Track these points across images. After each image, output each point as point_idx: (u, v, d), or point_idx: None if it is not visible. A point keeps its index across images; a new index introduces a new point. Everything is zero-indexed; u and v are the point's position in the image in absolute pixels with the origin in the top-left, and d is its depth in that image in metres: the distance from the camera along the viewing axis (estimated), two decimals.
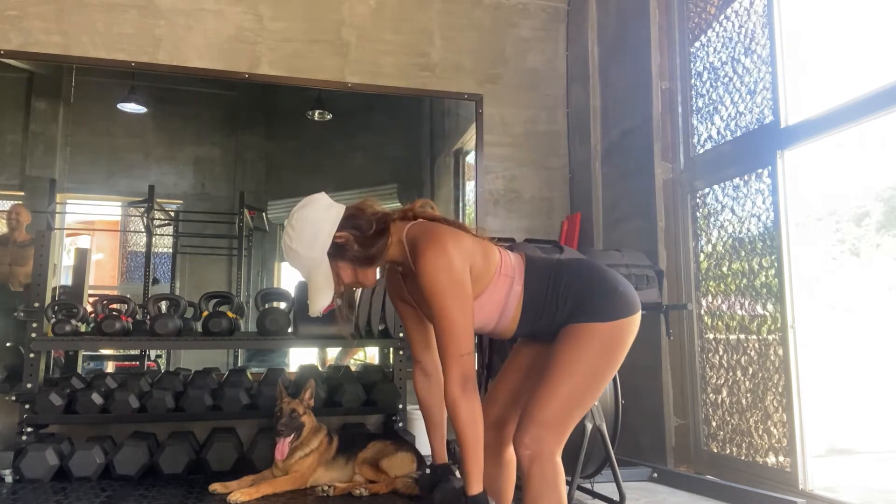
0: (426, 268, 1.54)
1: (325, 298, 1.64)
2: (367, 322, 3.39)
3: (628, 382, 2.80)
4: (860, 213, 5.21)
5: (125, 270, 4.31)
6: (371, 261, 1.65)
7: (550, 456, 1.55)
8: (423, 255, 1.55)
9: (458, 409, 1.51)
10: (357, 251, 1.63)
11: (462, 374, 1.52)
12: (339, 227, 1.63)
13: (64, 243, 3.98)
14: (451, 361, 1.52)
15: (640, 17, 3.69)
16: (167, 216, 4.16)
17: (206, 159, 4.26)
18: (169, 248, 4.13)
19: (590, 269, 1.71)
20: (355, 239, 1.63)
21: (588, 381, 1.60)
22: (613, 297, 1.64)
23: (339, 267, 1.64)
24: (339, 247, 1.62)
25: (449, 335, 1.53)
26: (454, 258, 1.54)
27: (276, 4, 4.06)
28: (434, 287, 1.53)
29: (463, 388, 1.51)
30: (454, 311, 1.53)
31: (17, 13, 3.69)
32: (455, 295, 1.53)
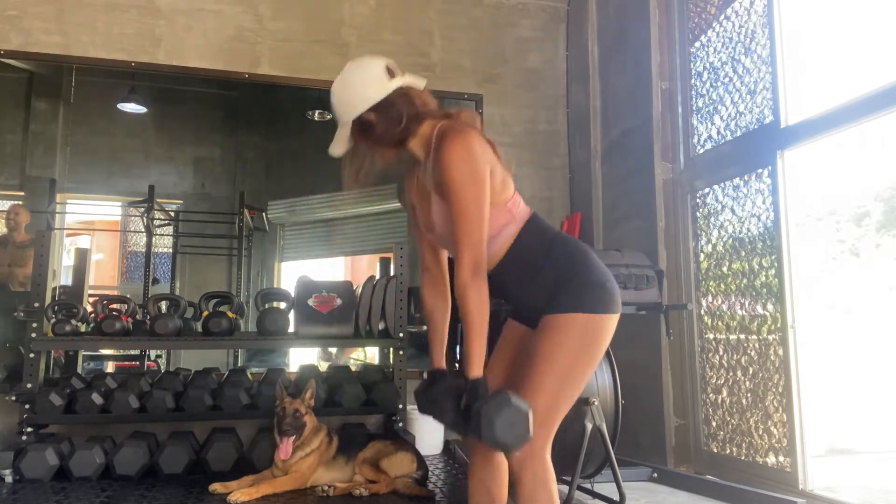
0: (448, 155, 1.55)
1: (341, 150, 1.69)
2: (368, 322, 3.39)
3: (628, 382, 2.80)
4: (860, 213, 5.21)
5: (125, 270, 4.31)
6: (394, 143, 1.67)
7: (540, 454, 1.54)
8: (448, 144, 1.57)
9: (468, 294, 1.51)
10: (382, 131, 1.65)
11: (473, 260, 1.52)
12: (371, 108, 1.64)
13: (64, 243, 3.98)
14: (464, 248, 1.53)
15: (640, 17, 3.69)
16: (167, 216, 4.16)
17: (206, 159, 4.26)
18: (169, 248, 4.13)
19: (584, 251, 1.68)
20: (383, 123, 1.64)
21: (571, 375, 1.58)
22: (599, 289, 1.61)
23: (360, 139, 1.68)
24: (364, 123, 1.65)
25: (463, 222, 1.53)
26: (477, 152, 1.57)
27: (276, 4, 4.06)
28: (453, 173, 1.54)
29: (473, 274, 1.52)
30: (470, 198, 1.54)
31: (17, 13, 3.69)
32: (473, 183, 1.54)
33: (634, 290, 2.97)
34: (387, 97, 1.64)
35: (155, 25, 3.87)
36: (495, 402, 1.43)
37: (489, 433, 1.41)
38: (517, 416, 1.43)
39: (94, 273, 4.13)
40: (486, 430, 1.41)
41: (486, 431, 1.41)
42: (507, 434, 1.42)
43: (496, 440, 1.42)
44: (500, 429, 1.41)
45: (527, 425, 1.44)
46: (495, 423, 1.41)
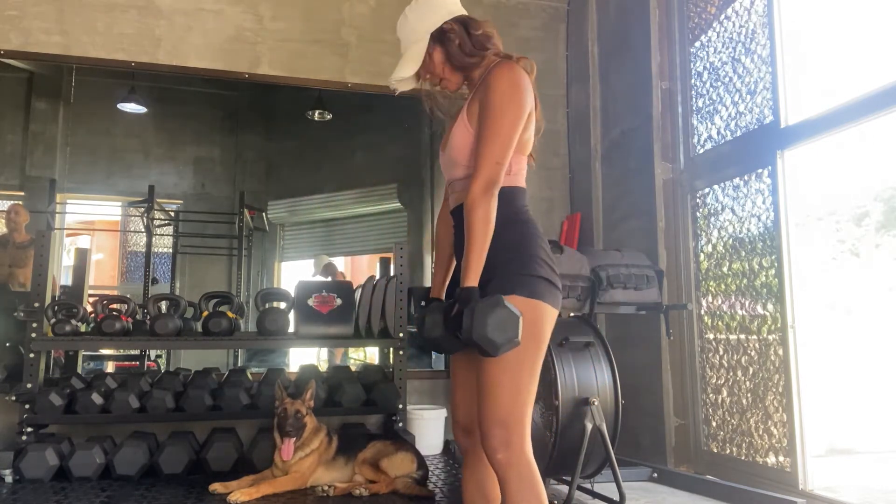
0: (499, 77, 1.59)
1: (409, 70, 1.71)
2: (368, 322, 3.39)
3: (628, 382, 2.80)
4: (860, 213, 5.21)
5: (125, 270, 4.31)
6: (462, 66, 1.71)
7: (521, 454, 1.52)
8: (503, 68, 1.61)
9: (476, 207, 1.52)
10: (458, 47, 1.69)
11: (489, 178, 1.54)
12: (453, 18, 1.70)
13: (64, 243, 3.98)
14: (484, 163, 1.54)
15: (640, 17, 3.69)
16: (167, 216, 4.16)
17: (206, 159, 4.26)
18: (169, 248, 4.13)
19: (540, 243, 1.64)
20: (460, 36, 1.69)
21: (525, 364, 1.54)
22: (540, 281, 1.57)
23: (435, 52, 1.70)
24: (444, 33, 1.69)
25: (491, 139, 1.56)
26: (526, 89, 1.60)
27: (276, 4, 4.06)
28: (497, 94, 1.57)
29: (485, 190, 1.53)
30: (505, 120, 1.56)
31: (17, 13, 3.69)
32: (512, 109, 1.57)
33: (634, 290, 2.97)
34: (466, 15, 1.73)
35: (155, 25, 3.87)
36: (488, 302, 1.42)
37: (480, 329, 1.39)
38: (509, 317, 1.42)
39: (94, 273, 4.13)
40: (479, 326, 1.39)
41: (479, 328, 1.39)
42: (498, 333, 1.40)
43: (486, 336, 1.40)
44: (491, 327, 1.40)
45: (517, 328, 1.42)
46: (487, 321, 1.40)
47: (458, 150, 1.66)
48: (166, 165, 4.17)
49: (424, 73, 1.74)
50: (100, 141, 4.07)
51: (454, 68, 1.72)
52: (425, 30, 1.69)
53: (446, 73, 1.73)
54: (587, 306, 2.91)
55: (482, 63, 1.70)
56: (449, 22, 1.69)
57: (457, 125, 1.68)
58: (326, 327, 3.09)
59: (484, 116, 1.59)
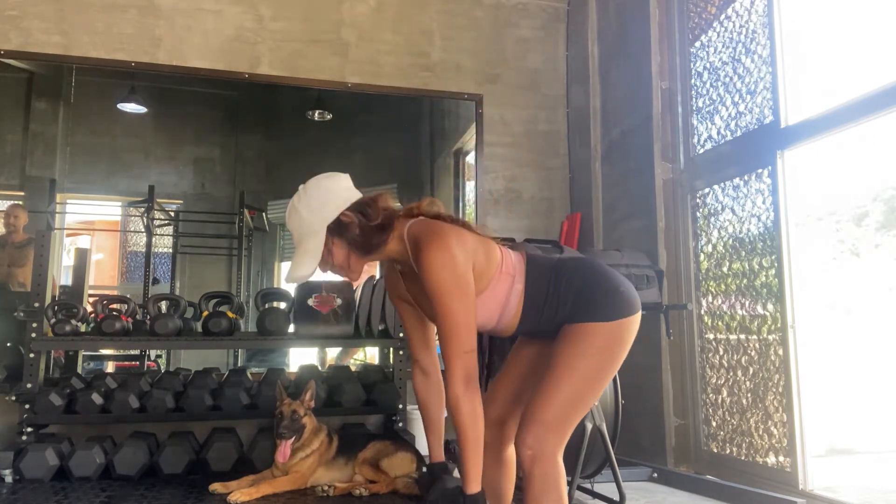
0: (429, 265, 1.53)
1: (308, 268, 1.62)
2: (367, 322, 3.39)
3: (628, 382, 2.80)
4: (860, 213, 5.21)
5: (125, 270, 4.31)
6: (368, 250, 1.64)
7: (552, 456, 1.55)
8: (426, 252, 1.54)
9: (460, 407, 1.50)
10: (357, 235, 1.61)
11: (465, 371, 1.51)
12: (349, 208, 1.63)
13: (64, 243, 3.98)
14: (454, 359, 1.52)
15: (640, 17, 3.69)
16: (167, 216, 4.16)
17: (206, 159, 4.25)
18: (169, 248, 4.13)
19: (590, 267, 1.70)
20: (360, 224, 1.61)
21: (589, 381, 1.60)
22: (614, 296, 1.63)
23: (335, 245, 1.62)
24: (342, 225, 1.61)
25: (452, 332, 1.52)
26: (457, 255, 1.54)
27: (276, 4, 4.06)
28: (437, 284, 1.52)
29: (465, 386, 1.51)
30: (457, 308, 1.52)
31: (17, 13, 3.69)
32: (458, 292, 1.53)
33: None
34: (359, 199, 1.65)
35: (155, 25, 3.87)
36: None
37: None
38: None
39: (94, 273, 4.13)
40: None
41: None
42: None
43: None
44: None
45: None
46: None
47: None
48: (166, 165, 4.17)
49: (324, 266, 1.66)
50: (100, 141, 4.07)
51: (360, 255, 1.65)
52: (321, 223, 1.60)
53: (352, 263, 1.65)
54: None
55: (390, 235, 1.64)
56: (345, 212, 1.62)
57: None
58: (326, 327, 3.09)
59: (434, 308, 1.55)
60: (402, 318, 1.84)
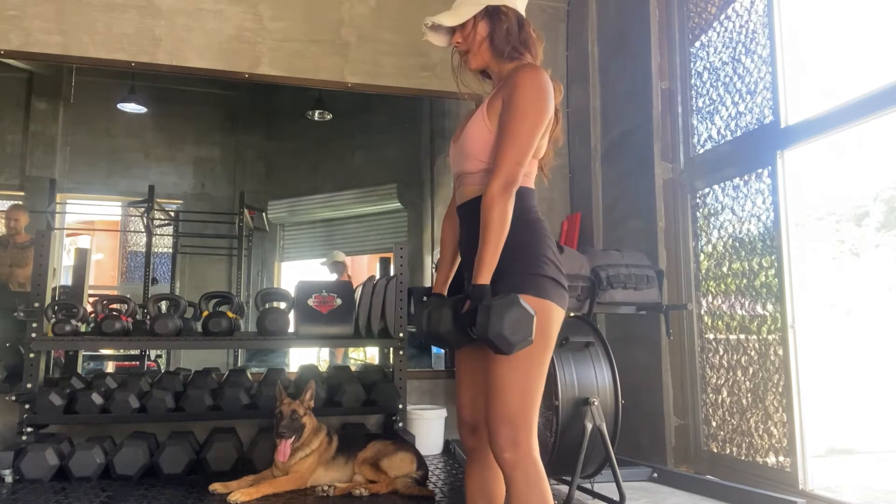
0: (526, 78, 1.57)
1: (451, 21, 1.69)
2: (368, 322, 3.39)
3: (628, 382, 2.80)
4: (860, 213, 5.20)
5: (125, 270, 4.31)
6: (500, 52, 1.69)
7: (529, 453, 1.51)
8: (531, 71, 1.59)
9: (493, 206, 1.51)
10: (504, 31, 1.67)
11: (508, 177, 1.53)
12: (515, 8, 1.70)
13: (64, 243, 3.98)
14: (504, 163, 1.54)
15: (640, 17, 3.69)
16: (167, 216, 4.16)
17: (206, 159, 4.26)
18: (169, 248, 4.13)
19: (548, 244, 1.63)
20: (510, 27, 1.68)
21: (532, 365, 1.54)
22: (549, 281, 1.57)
23: (481, 25, 1.68)
24: (500, 13, 1.68)
25: (513, 139, 1.55)
26: (550, 94, 1.59)
27: (276, 4, 4.06)
28: (523, 94, 1.56)
29: (503, 189, 1.52)
30: (528, 121, 1.55)
31: (17, 13, 3.69)
32: (536, 110, 1.56)
33: (634, 290, 2.97)
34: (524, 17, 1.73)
35: (155, 25, 3.87)
36: (504, 300, 1.42)
37: (497, 327, 1.38)
38: (524, 315, 1.41)
39: (94, 273, 4.13)
40: (495, 323, 1.39)
41: (495, 325, 1.39)
42: (513, 331, 1.39)
43: (501, 334, 1.39)
44: (507, 325, 1.39)
45: (531, 327, 1.42)
46: (504, 319, 1.39)
47: (473, 142, 1.65)
48: (166, 165, 4.17)
49: (459, 35, 1.72)
50: (100, 141, 4.08)
51: (490, 48, 1.70)
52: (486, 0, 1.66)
53: (480, 49, 1.71)
54: (587, 306, 2.91)
55: (516, 60, 1.69)
56: (509, 7, 1.69)
57: (475, 118, 1.67)
58: (326, 327, 3.09)
59: (507, 116, 1.58)
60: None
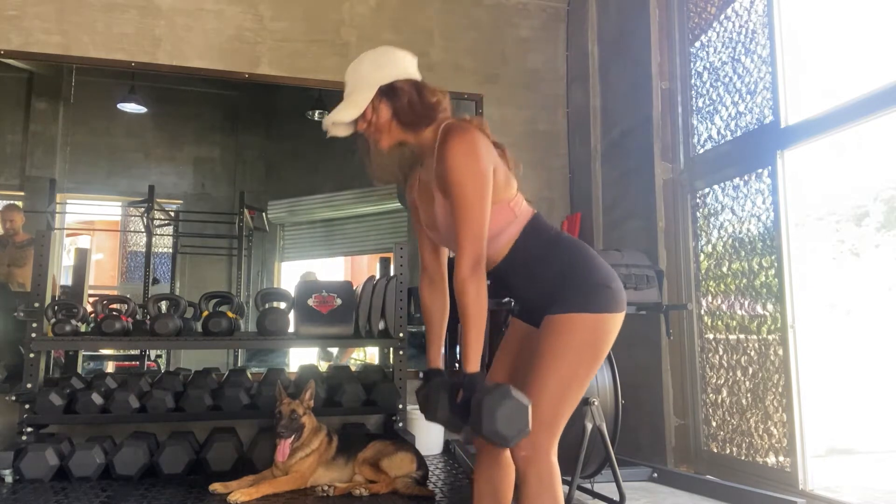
0: (452, 151, 1.57)
1: (350, 115, 1.68)
2: (368, 322, 3.39)
3: (628, 382, 2.80)
4: (860, 213, 5.20)
5: (125, 270, 4.31)
6: (409, 123, 1.68)
7: (546, 456, 1.54)
8: (453, 139, 1.58)
9: (466, 288, 1.52)
10: (405, 105, 1.66)
11: (474, 256, 1.54)
12: (407, 80, 1.68)
13: (64, 243, 3.98)
14: (465, 243, 1.54)
15: (640, 17, 3.69)
16: (167, 216, 4.16)
17: (206, 159, 4.25)
18: (169, 248, 4.13)
19: (584, 252, 1.68)
20: (411, 97, 1.66)
21: (574, 376, 1.57)
22: (603, 290, 1.61)
23: (381, 106, 1.67)
24: (395, 90, 1.66)
25: (465, 217, 1.55)
26: (482, 151, 1.58)
27: (276, 4, 4.06)
28: (456, 168, 1.55)
29: (472, 269, 1.53)
30: (472, 193, 1.55)
31: (17, 13, 3.69)
32: (475, 178, 1.56)
33: (634, 290, 2.97)
34: (419, 79, 1.71)
35: (155, 25, 3.87)
36: (497, 393, 1.42)
37: (490, 425, 1.39)
38: (518, 408, 1.41)
39: (94, 273, 4.13)
40: (487, 421, 1.39)
41: (487, 423, 1.39)
42: (507, 426, 1.40)
43: (496, 432, 1.40)
44: (500, 421, 1.39)
45: (527, 419, 1.42)
46: (496, 415, 1.39)
47: (450, 226, 1.63)
48: (166, 165, 4.17)
49: (363, 122, 1.70)
50: (100, 141, 4.07)
51: (400, 125, 1.68)
52: (377, 80, 1.66)
53: (390, 130, 1.69)
54: None
55: (432, 126, 1.68)
56: (402, 81, 1.67)
57: (436, 202, 1.66)
58: (326, 327, 3.09)
59: (451, 194, 1.57)
60: (414, 223, 1.83)
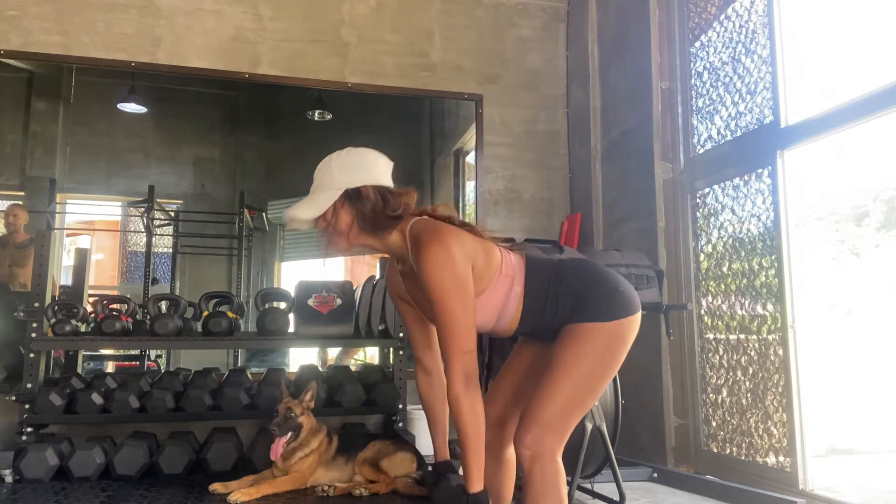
0: (428, 265, 1.54)
1: (309, 214, 1.66)
2: (367, 322, 3.39)
3: (628, 382, 2.80)
4: (860, 213, 5.21)
5: (125, 270, 4.31)
6: (370, 229, 1.66)
7: (552, 456, 1.55)
8: (426, 252, 1.55)
9: (461, 406, 1.51)
10: (368, 212, 1.64)
11: (464, 371, 1.53)
12: (374, 186, 1.66)
13: (64, 243, 3.98)
14: (454, 359, 1.53)
15: (640, 17, 3.69)
16: (167, 216, 4.16)
17: (206, 159, 4.25)
18: (169, 248, 4.13)
19: (590, 269, 1.71)
20: (375, 204, 1.64)
21: (589, 382, 1.60)
22: (613, 297, 1.64)
23: (343, 210, 1.65)
24: (359, 195, 1.64)
25: (451, 332, 1.54)
26: (456, 256, 1.55)
27: (276, 4, 4.06)
28: (436, 284, 1.54)
29: (465, 385, 1.52)
30: (456, 308, 1.53)
31: (17, 13, 3.69)
32: (457, 292, 1.54)
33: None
34: (385, 184, 1.68)
35: (155, 25, 3.87)
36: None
37: None
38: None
39: (94, 273, 4.13)
40: None
41: None
42: None
43: None
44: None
45: None
46: None
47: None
48: (166, 165, 4.17)
49: (322, 222, 1.68)
50: (100, 141, 4.07)
51: (361, 230, 1.66)
52: (344, 183, 1.65)
53: (350, 233, 1.67)
54: None
55: (395, 230, 1.66)
56: (369, 187, 1.65)
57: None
58: (326, 327, 3.08)
59: (434, 309, 1.56)
60: (402, 318, 1.84)
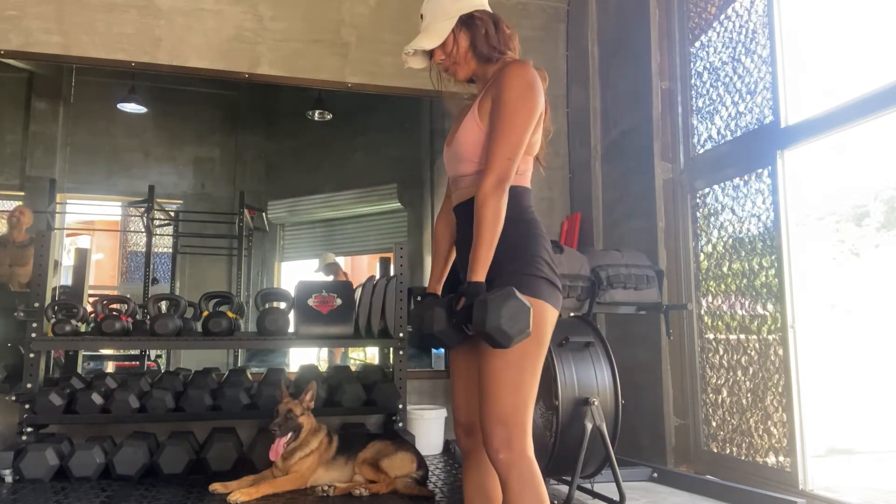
0: (515, 74, 1.59)
1: (433, 42, 1.69)
2: (368, 322, 3.39)
3: (628, 382, 2.80)
4: (860, 213, 5.21)
5: (125, 270, 4.31)
6: (484, 56, 1.70)
7: (523, 453, 1.51)
8: (519, 67, 1.61)
9: (486, 204, 1.53)
10: (483, 36, 1.68)
11: (500, 175, 1.55)
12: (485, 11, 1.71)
13: (64, 243, 3.98)
14: (496, 160, 1.55)
15: (640, 17, 3.69)
16: (167, 216, 4.16)
17: (206, 159, 4.26)
18: (169, 248, 4.13)
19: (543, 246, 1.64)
20: (488, 28, 1.69)
21: (526, 364, 1.53)
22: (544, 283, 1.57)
23: (461, 36, 1.69)
24: (473, 20, 1.69)
25: (504, 136, 1.56)
26: (539, 89, 1.61)
27: (276, 4, 4.06)
28: (513, 90, 1.57)
29: (496, 187, 1.54)
30: (519, 117, 1.56)
31: (17, 13, 3.69)
32: (526, 106, 1.57)
33: (634, 290, 2.97)
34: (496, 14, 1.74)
35: (155, 25, 3.87)
36: (501, 293, 1.42)
37: (494, 321, 1.38)
38: (521, 308, 1.41)
39: (94, 273, 4.13)
40: (492, 317, 1.38)
41: (492, 319, 1.38)
42: (510, 324, 1.39)
43: (499, 328, 1.39)
44: (505, 318, 1.39)
45: (529, 319, 1.42)
46: (501, 312, 1.39)
47: (466, 144, 1.65)
48: (166, 165, 4.17)
49: (441, 53, 1.72)
50: (100, 141, 4.08)
51: (476, 56, 1.71)
52: (457, 10, 1.68)
53: (466, 59, 1.72)
54: (587, 306, 2.91)
55: (500, 59, 1.71)
56: (481, 10, 1.71)
57: (467, 120, 1.67)
58: (326, 327, 3.09)
59: (497, 113, 1.58)
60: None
